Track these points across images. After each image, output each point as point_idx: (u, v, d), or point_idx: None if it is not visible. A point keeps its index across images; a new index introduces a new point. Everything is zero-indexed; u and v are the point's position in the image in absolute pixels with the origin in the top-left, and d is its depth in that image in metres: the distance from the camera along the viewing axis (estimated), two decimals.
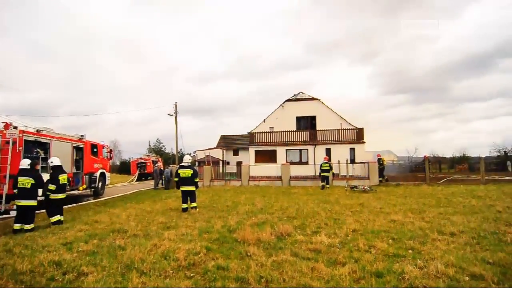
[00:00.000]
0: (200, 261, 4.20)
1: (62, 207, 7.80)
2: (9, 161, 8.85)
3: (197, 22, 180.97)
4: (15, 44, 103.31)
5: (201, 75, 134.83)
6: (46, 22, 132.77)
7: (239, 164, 23.13)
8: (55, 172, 7.58)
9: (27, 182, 6.90)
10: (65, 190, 7.83)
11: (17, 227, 6.76)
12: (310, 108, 25.63)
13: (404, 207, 8.62)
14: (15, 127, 9.61)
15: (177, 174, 9.17)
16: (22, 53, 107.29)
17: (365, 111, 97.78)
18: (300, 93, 26.64)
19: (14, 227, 6.77)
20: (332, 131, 23.49)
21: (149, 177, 30.25)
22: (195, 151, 39.20)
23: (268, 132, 24.93)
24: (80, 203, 12.00)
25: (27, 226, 6.81)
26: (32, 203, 6.93)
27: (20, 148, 9.24)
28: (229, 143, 41.26)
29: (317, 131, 24.10)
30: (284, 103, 26.29)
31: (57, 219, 7.38)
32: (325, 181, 15.57)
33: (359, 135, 23.09)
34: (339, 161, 19.77)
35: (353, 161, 21.13)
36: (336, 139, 23.28)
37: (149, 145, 61.19)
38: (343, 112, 26.86)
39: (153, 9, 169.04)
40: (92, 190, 14.68)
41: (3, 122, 9.62)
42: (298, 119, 25.92)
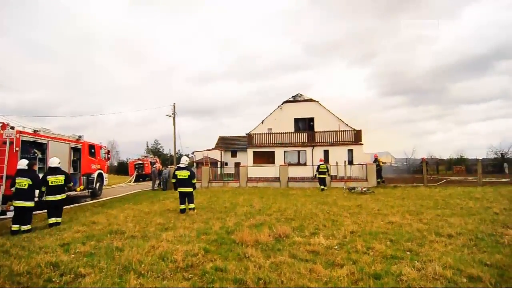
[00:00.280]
0: (198, 263, 4.19)
1: (61, 209, 7.65)
2: (6, 162, 8.80)
3: (196, 22, 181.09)
4: (14, 43, 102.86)
5: (200, 75, 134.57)
6: (46, 22, 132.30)
7: (237, 165, 23.09)
8: (46, 173, 7.50)
9: (24, 182, 6.87)
10: (60, 192, 7.43)
11: (15, 228, 6.72)
12: (308, 109, 25.71)
13: (402, 209, 8.64)
14: (12, 128, 9.55)
15: (174, 176, 9.18)
16: (21, 53, 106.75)
17: (363, 112, 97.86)
18: (298, 95, 26.72)
19: (12, 228, 6.74)
20: (330, 132, 23.56)
21: (147, 178, 30.22)
22: (193, 152, 39.08)
23: (266, 133, 24.98)
24: (77, 204, 11.95)
25: (24, 227, 6.78)
26: (29, 204, 6.89)
27: (17, 149, 9.20)
28: (227, 144, 41.25)
29: (315, 133, 24.17)
30: (282, 104, 26.35)
31: (53, 221, 7.29)
32: (323, 183, 15.57)
33: (357, 137, 23.16)
34: (337, 163, 19.84)
35: (351, 162, 21.19)
36: (334, 140, 23.34)
37: (147, 146, 61.38)
38: (341, 113, 27.03)
39: (152, 9, 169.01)
40: (90, 191, 14.63)
41: (0, 123, 9.57)
42: (296, 120, 25.98)
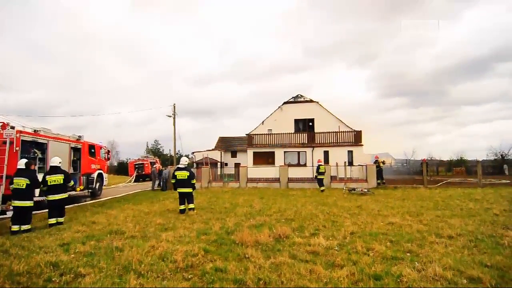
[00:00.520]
0: (198, 263, 4.19)
1: (63, 209, 7.60)
2: (6, 162, 8.80)
3: (197, 23, 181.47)
4: (14, 44, 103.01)
5: (200, 76, 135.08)
6: (46, 22, 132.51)
7: (237, 165, 23.06)
8: (46, 173, 7.53)
9: (22, 182, 6.85)
10: (60, 191, 7.38)
11: (15, 228, 6.66)
12: (308, 110, 25.70)
13: (402, 210, 8.64)
14: (12, 127, 9.55)
15: (174, 176, 9.19)
16: (21, 53, 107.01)
17: (363, 114, 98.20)
18: (299, 96, 26.72)
19: (12, 229, 6.68)
20: (330, 133, 23.53)
21: (147, 178, 30.18)
22: (193, 152, 39.05)
23: (266, 134, 24.96)
24: (77, 204, 11.93)
25: (24, 227, 6.76)
26: (27, 203, 6.86)
27: (17, 148, 9.19)
28: (227, 144, 41.17)
29: (315, 134, 24.15)
30: (282, 105, 26.33)
31: (54, 221, 7.27)
32: (322, 184, 15.55)
33: (357, 138, 23.13)
34: (337, 164, 19.82)
35: (351, 163, 21.16)
36: (334, 141, 23.31)
37: (147, 146, 61.31)
38: (341, 114, 26.90)
39: (152, 10, 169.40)
40: (90, 191, 14.61)
41: (0, 122, 9.57)
42: (296, 121, 25.97)
